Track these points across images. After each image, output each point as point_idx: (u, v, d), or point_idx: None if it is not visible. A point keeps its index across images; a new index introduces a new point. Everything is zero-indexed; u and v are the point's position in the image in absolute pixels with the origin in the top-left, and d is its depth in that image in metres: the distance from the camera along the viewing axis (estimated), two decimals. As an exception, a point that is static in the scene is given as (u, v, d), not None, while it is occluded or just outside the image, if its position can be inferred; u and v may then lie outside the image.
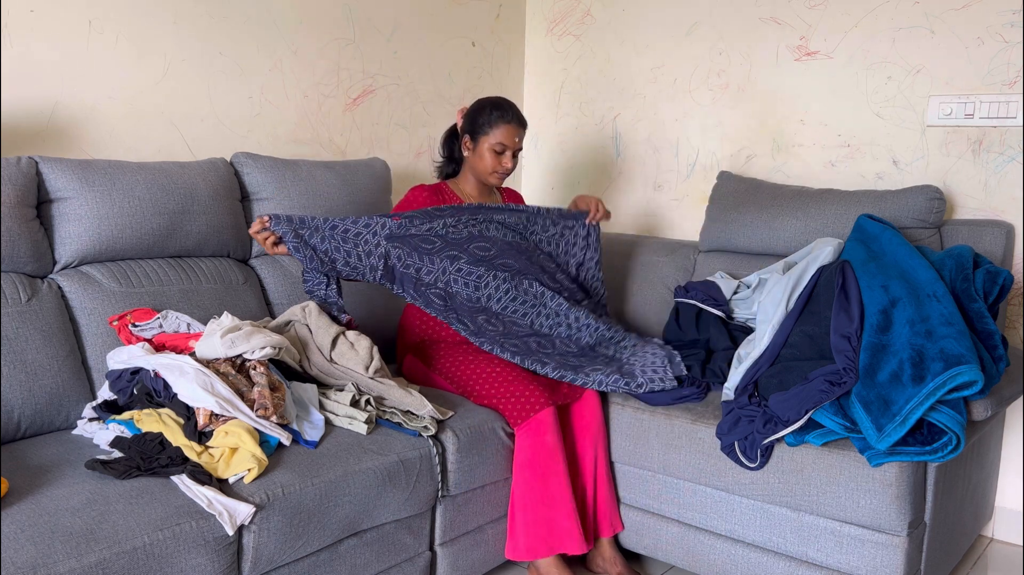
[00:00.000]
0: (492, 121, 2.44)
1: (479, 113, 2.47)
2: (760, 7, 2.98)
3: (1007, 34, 2.53)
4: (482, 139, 2.45)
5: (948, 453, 1.86)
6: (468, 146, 2.50)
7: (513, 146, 2.46)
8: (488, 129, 2.44)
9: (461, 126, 2.53)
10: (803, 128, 2.93)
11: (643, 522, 2.34)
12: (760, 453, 2.04)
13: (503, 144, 2.44)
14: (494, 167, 2.47)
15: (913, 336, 1.95)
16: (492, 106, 2.47)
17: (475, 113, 2.48)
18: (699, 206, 3.14)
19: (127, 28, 2.39)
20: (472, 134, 2.48)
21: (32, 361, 1.92)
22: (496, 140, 2.44)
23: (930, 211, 2.50)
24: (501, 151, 2.45)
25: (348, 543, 1.89)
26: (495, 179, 2.50)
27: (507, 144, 2.45)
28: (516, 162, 2.49)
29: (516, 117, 2.47)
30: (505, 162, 2.46)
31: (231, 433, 1.76)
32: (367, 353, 2.13)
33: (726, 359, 2.37)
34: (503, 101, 2.49)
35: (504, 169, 2.47)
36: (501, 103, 2.48)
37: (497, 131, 2.44)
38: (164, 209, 2.23)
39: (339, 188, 2.64)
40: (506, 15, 3.51)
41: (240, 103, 2.69)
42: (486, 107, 2.47)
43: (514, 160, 2.48)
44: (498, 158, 2.46)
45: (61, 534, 1.45)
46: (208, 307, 2.25)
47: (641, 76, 3.29)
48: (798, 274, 2.34)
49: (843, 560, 2.02)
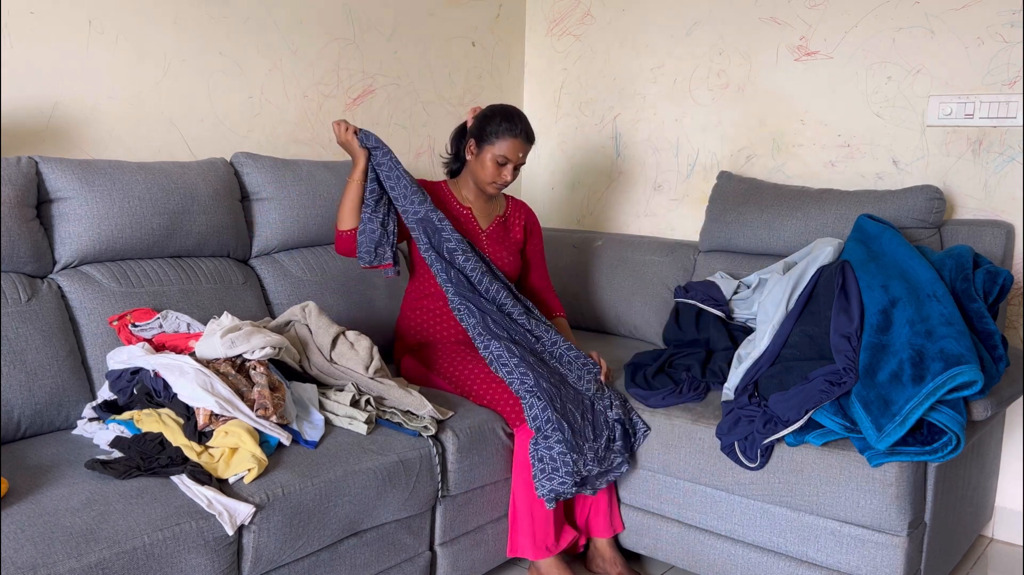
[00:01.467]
0: (499, 132, 2.39)
1: (489, 121, 2.42)
2: (760, 7, 2.98)
3: (1007, 34, 2.53)
4: (487, 147, 2.41)
5: (948, 453, 1.86)
6: (472, 150, 2.47)
7: (516, 160, 2.42)
8: (494, 139, 2.40)
9: (470, 128, 2.49)
10: (803, 128, 2.93)
11: (643, 522, 2.34)
12: (760, 453, 2.04)
13: (506, 157, 2.40)
14: (493, 178, 2.43)
15: (913, 336, 1.95)
16: (503, 116, 2.42)
17: (485, 119, 2.43)
18: (699, 206, 3.14)
19: (127, 28, 2.39)
20: (478, 140, 2.44)
21: (32, 361, 1.92)
22: (500, 152, 2.40)
23: (930, 211, 2.50)
24: (503, 163, 2.41)
25: (348, 543, 1.89)
26: (492, 189, 2.47)
27: (510, 158, 2.40)
28: (517, 175, 2.46)
29: (524, 131, 2.42)
30: (505, 174, 2.42)
31: (231, 433, 1.76)
32: (367, 353, 2.13)
33: (726, 359, 2.37)
34: (514, 113, 2.44)
35: (503, 181, 2.44)
36: (512, 115, 2.42)
37: (502, 143, 2.39)
38: (164, 209, 2.23)
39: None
40: (506, 15, 3.51)
41: (240, 103, 2.68)
42: (496, 116, 2.42)
43: (515, 173, 2.44)
44: (499, 169, 2.42)
45: (61, 534, 1.45)
46: (208, 307, 2.25)
47: (641, 76, 3.29)
48: (798, 274, 2.34)
49: (843, 560, 2.02)
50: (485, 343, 2.28)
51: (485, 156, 2.42)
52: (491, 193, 2.50)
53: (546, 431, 2.11)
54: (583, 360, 2.35)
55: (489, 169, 2.42)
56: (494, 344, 2.26)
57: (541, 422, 2.12)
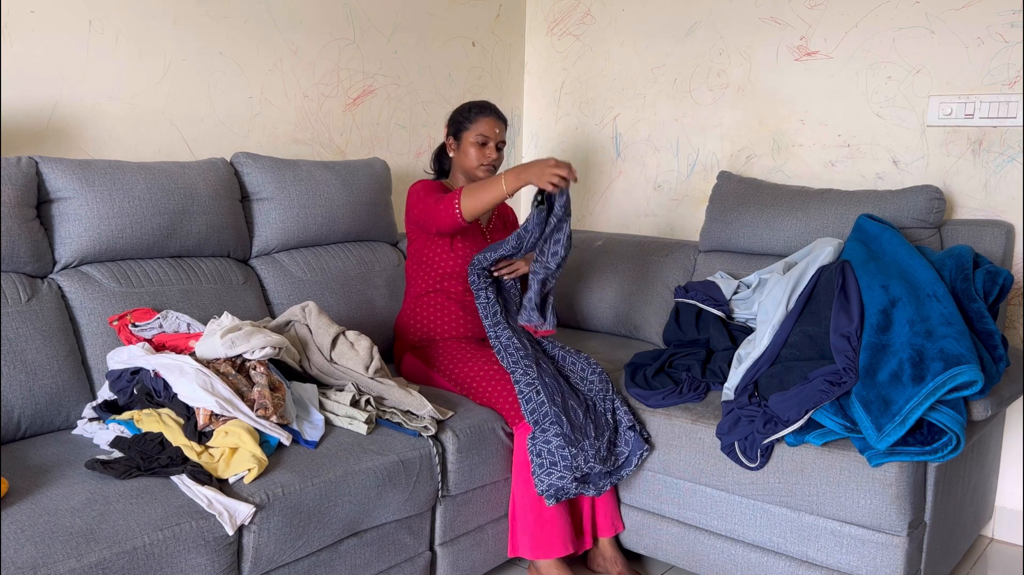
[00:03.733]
0: (471, 116, 2.49)
1: (459, 113, 2.54)
2: (760, 7, 2.97)
3: (1007, 34, 2.53)
4: (464, 135, 2.49)
5: (948, 453, 1.86)
6: (453, 147, 2.54)
7: (495, 137, 2.49)
8: (468, 124, 2.49)
9: (447, 129, 2.57)
10: (803, 128, 2.93)
11: (643, 522, 2.34)
12: (760, 453, 2.04)
13: (484, 136, 2.47)
14: (479, 160, 2.48)
15: (913, 336, 1.95)
16: (471, 104, 2.54)
17: (455, 114, 2.55)
18: (699, 206, 3.14)
19: (127, 28, 2.39)
20: (455, 134, 2.52)
21: (32, 361, 1.92)
22: (477, 132, 2.47)
23: (930, 211, 2.50)
24: (484, 143, 2.48)
25: (348, 543, 1.89)
26: (482, 172, 2.49)
27: (488, 135, 2.48)
28: (501, 155, 2.52)
29: (494, 111, 2.52)
30: (489, 153, 2.48)
31: (231, 433, 1.76)
32: (367, 353, 2.13)
33: (726, 359, 2.37)
34: (481, 100, 2.56)
35: (489, 160, 2.48)
36: (479, 101, 2.55)
37: (477, 124, 2.48)
38: (164, 209, 2.23)
39: (339, 188, 2.64)
40: (506, 15, 3.51)
41: (240, 103, 2.69)
42: (464, 106, 2.55)
43: (499, 152, 2.50)
44: (482, 150, 2.48)
45: (61, 534, 1.45)
46: (208, 307, 2.25)
47: (641, 76, 3.29)
48: (798, 274, 2.34)
49: (843, 560, 2.01)
50: (497, 333, 2.33)
51: (466, 144, 2.49)
52: (482, 177, 2.51)
53: (544, 425, 2.12)
54: (585, 362, 2.36)
55: (473, 154, 2.48)
56: (504, 333, 2.32)
57: (539, 415, 2.13)
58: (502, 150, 2.52)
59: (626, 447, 2.23)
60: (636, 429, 2.24)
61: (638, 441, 2.23)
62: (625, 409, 2.27)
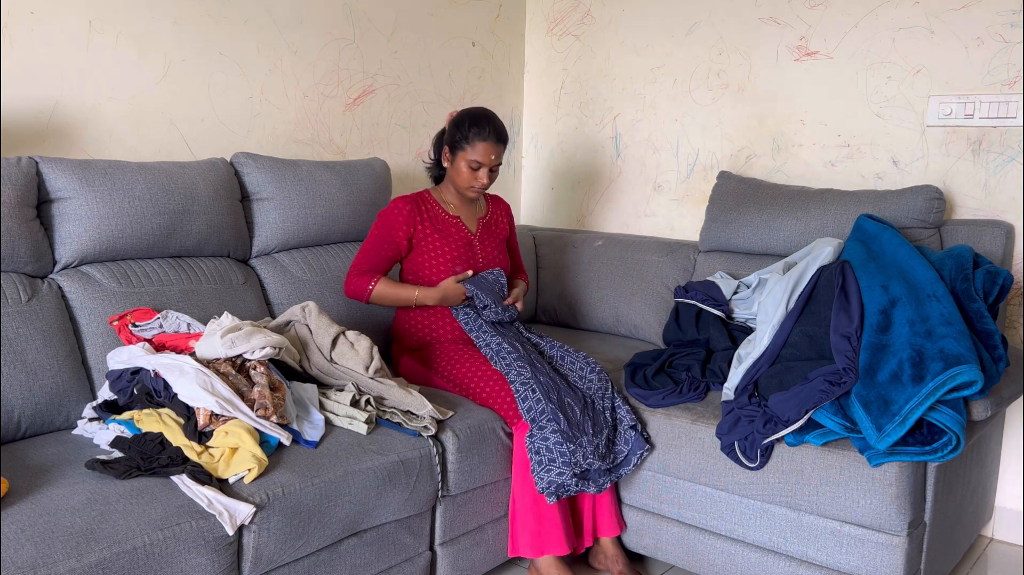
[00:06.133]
0: (469, 137, 2.39)
1: (458, 127, 2.42)
2: (760, 7, 2.97)
3: (1007, 34, 2.53)
4: (459, 154, 2.42)
5: (948, 453, 1.86)
6: (447, 157, 2.48)
7: (488, 163, 2.41)
8: (464, 144, 2.40)
9: (445, 135, 2.50)
10: (803, 128, 2.93)
11: (644, 522, 2.34)
12: (760, 453, 2.04)
13: (478, 162, 2.40)
14: (469, 183, 2.43)
15: (913, 336, 1.95)
16: (471, 121, 2.41)
17: (455, 126, 2.44)
18: (699, 206, 3.14)
19: (127, 28, 2.39)
20: (451, 147, 2.45)
21: (32, 361, 1.92)
22: (472, 157, 2.39)
23: (930, 211, 2.50)
24: (476, 168, 2.42)
25: (348, 543, 1.89)
26: (471, 194, 2.47)
27: (482, 161, 2.40)
28: (494, 177, 2.46)
29: (494, 133, 2.40)
30: (480, 178, 2.42)
31: (231, 433, 1.76)
32: (367, 353, 2.13)
33: (726, 359, 2.37)
34: (482, 116, 2.43)
35: (480, 185, 2.43)
36: (480, 118, 2.42)
37: (473, 148, 2.39)
38: (164, 209, 2.23)
39: (339, 188, 2.64)
40: (506, 15, 3.51)
41: (240, 103, 2.68)
42: (465, 121, 2.42)
43: (491, 175, 2.44)
44: (474, 174, 2.42)
45: (61, 534, 1.45)
46: (208, 307, 2.25)
47: (641, 76, 3.29)
48: (798, 274, 2.34)
49: (843, 560, 2.02)
50: (486, 341, 2.35)
51: (459, 162, 2.43)
52: (471, 197, 2.51)
53: (541, 422, 2.13)
54: (583, 361, 2.36)
55: (464, 174, 2.43)
56: (494, 340, 2.33)
57: (536, 413, 2.14)
58: (496, 171, 2.45)
59: (625, 446, 2.23)
60: (638, 428, 2.24)
61: (639, 440, 2.23)
62: (627, 408, 2.27)
